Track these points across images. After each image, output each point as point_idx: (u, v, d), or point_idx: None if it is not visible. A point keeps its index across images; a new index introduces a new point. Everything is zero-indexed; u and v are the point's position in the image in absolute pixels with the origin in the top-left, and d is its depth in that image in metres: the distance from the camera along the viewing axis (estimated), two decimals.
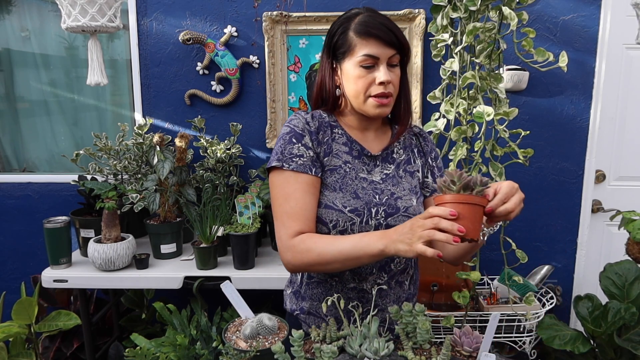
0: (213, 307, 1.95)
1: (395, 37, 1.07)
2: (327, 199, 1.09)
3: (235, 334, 1.02)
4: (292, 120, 1.14)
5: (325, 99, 1.17)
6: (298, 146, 1.09)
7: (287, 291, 1.26)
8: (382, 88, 1.08)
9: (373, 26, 1.07)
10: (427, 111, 2.15)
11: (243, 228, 1.84)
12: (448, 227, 0.82)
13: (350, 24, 1.09)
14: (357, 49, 1.08)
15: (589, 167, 2.21)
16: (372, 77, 1.08)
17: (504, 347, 1.98)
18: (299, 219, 1.06)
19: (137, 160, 2.06)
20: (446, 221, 0.82)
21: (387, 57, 1.08)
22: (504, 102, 1.43)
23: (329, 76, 1.15)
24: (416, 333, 0.97)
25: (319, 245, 1.02)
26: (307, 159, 1.09)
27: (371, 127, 1.19)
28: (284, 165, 1.08)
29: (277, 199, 1.09)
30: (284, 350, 0.88)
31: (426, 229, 0.85)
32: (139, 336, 1.55)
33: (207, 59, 2.14)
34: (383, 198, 1.12)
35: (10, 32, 2.38)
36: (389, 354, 0.90)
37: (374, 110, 1.10)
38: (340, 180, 1.11)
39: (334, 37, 1.12)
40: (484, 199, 0.85)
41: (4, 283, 2.43)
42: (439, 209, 0.84)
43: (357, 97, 1.10)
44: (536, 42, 1.86)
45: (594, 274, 2.00)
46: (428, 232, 0.84)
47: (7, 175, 2.39)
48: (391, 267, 1.15)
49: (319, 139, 1.12)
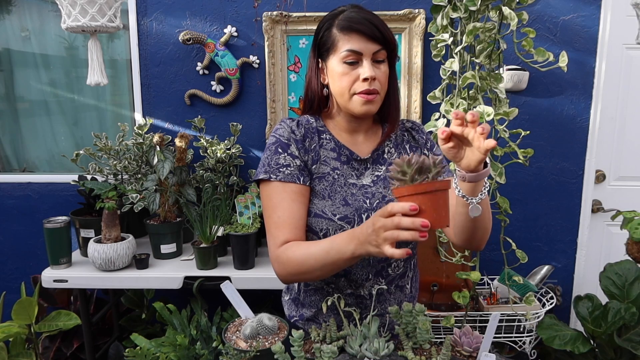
0: (213, 307, 1.95)
1: (378, 32, 1.04)
2: (317, 207, 1.07)
3: (235, 334, 1.02)
4: (277, 130, 1.11)
5: (312, 100, 1.14)
6: (284, 156, 1.07)
7: (285, 298, 1.24)
8: (366, 84, 1.04)
9: (356, 21, 1.04)
10: (427, 111, 2.15)
11: (243, 228, 1.84)
12: (410, 225, 0.77)
13: (335, 20, 1.07)
14: (340, 44, 1.05)
15: (589, 167, 2.21)
16: (357, 73, 1.04)
17: (504, 347, 1.98)
18: (286, 228, 1.03)
19: (137, 160, 2.06)
20: (407, 219, 0.77)
21: (371, 53, 1.04)
22: (504, 102, 1.43)
23: (315, 76, 1.12)
24: (416, 333, 0.97)
25: (297, 254, 0.99)
26: (294, 168, 1.07)
27: (361, 128, 1.15)
28: (271, 176, 1.06)
29: (266, 210, 1.08)
30: (284, 350, 0.88)
31: (388, 230, 0.80)
32: (139, 336, 1.55)
33: (207, 59, 2.14)
34: (374, 202, 1.09)
35: (10, 32, 2.38)
36: (389, 354, 0.90)
37: (359, 107, 1.07)
38: (329, 187, 1.09)
39: (318, 35, 1.10)
40: (444, 182, 0.78)
41: (4, 283, 2.43)
42: (397, 206, 0.78)
43: (342, 95, 1.07)
44: (536, 42, 1.86)
45: (594, 274, 2.00)
46: (391, 232, 0.79)
47: (7, 175, 2.39)
48: (389, 272, 1.12)
49: (306, 146, 1.10)
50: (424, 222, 0.76)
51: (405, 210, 0.77)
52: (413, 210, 0.76)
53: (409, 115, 2.17)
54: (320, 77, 1.12)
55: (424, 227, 0.76)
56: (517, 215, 2.21)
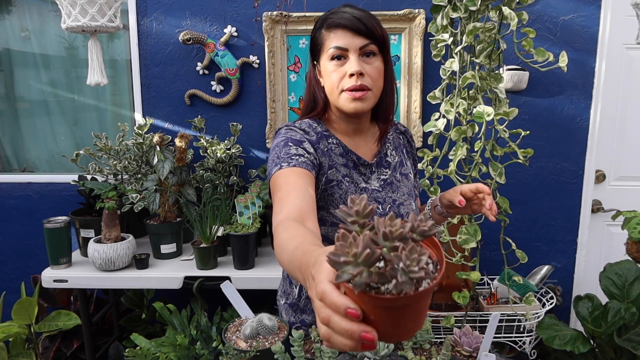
0: (213, 307, 1.95)
1: (363, 25, 1.01)
2: (334, 217, 1.04)
3: (235, 334, 1.02)
4: (287, 132, 1.06)
5: (316, 103, 1.11)
6: (296, 148, 1.01)
7: (281, 301, 1.20)
8: (353, 80, 1.01)
9: (340, 17, 1.03)
10: (427, 111, 2.15)
11: (243, 228, 1.84)
12: (343, 332, 0.46)
13: (325, 21, 1.07)
14: (327, 42, 1.04)
15: (589, 167, 2.21)
16: (344, 70, 1.02)
17: (504, 347, 1.98)
18: (288, 205, 0.87)
19: (137, 160, 2.06)
20: (341, 321, 0.46)
21: (357, 47, 1.01)
22: (504, 102, 1.43)
23: (314, 78, 1.11)
24: (416, 333, 0.97)
25: (279, 239, 0.78)
26: (306, 159, 1.00)
27: (359, 129, 1.12)
28: (282, 165, 0.98)
29: (273, 196, 0.97)
30: (284, 350, 0.88)
31: (320, 311, 0.48)
32: (139, 336, 1.55)
33: (207, 59, 2.14)
34: (386, 207, 1.08)
35: (10, 32, 2.38)
36: (389, 354, 0.90)
37: (348, 105, 1.03)
38: (344, 195, 1.06)
39: (312, 37, 1.10)
40: (423, 293, 0.43)
41: (4, 283, 2.43)
42: (330, 297, 0.46)
43: (332, 92, 1.05)
44: (536, 42, 1.85)
45: (594, 274, 2.00)
46: (323, 317, 0.47)
47: (7, 175, 2.39)
48: None
49: (321, 148, 1.06)
50: (368, 336, 0.45)
51: (340, 311, 0.46)
52: (352, 315, 0.46)
53: (409, 115, 2.17)
54: (317, 80, 1.11)
55: (367, 341, 0.45)
56: (517, 215, 2.21)
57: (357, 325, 0.45)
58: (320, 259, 0.51)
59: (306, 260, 0.58)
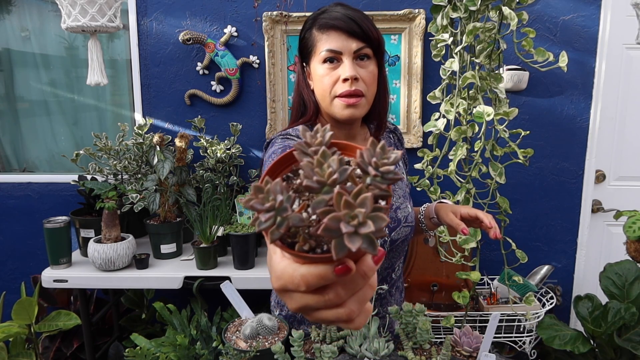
0: (213, 307, 1.95)
1: (358, 27, 0.94)
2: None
3: (235, 334, 1.02)
4: (284, 142, 0.99)
5: (306, 107, 1.06)
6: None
7: (275, 312, 1.17)
8: (347, 85, 0.95)
9: (333, 18, 0.96)
10: (427, 111, 2.15)
11: (243, 228, 1.84)
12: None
13: (315, 20, 0.99)
14: (319, 44, 0.97)
15: (589, 167, 2.21)
16: (337, 74, 0.96)
17: (504, 347, 1.98)
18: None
19: (137, 160, 2.06)
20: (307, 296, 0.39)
21: (351, 51, 0.95)
22: (504, 102, 1.43)
23: (304, 81, 1.05)
24: (416, 333, 0.97)
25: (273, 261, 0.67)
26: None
27: (352, 135, 1.07)
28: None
29: None
30: (284, 350, 0.88)
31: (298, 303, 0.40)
32: (139, 336, 1.55)
33: (207, 59, 2.14)
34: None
35: (10, 32, 2.38)
36: (389, 354, 0.90)
37: (341, 112, 0.97)
38: None
39: (301, 37, 1.03)
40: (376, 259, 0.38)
41: (4, 283, 2.43)
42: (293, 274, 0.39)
43: (324, 98, 0.99)
44: (536, 42, 1.86)
45: (594, 274, 2.00)
46: (300, 305, 0.40)
47: (7, 175, 2.39)
48: (392, 277, 1.11)
49: None
50: (342, 267, 0.37)
51: (296, 285, 0.38)
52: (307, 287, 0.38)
53: (409, 115, 2.17)
54: (307, 83, 1.05)
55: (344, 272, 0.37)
56: (517, 215, 2.21)
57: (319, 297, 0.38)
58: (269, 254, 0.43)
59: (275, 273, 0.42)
